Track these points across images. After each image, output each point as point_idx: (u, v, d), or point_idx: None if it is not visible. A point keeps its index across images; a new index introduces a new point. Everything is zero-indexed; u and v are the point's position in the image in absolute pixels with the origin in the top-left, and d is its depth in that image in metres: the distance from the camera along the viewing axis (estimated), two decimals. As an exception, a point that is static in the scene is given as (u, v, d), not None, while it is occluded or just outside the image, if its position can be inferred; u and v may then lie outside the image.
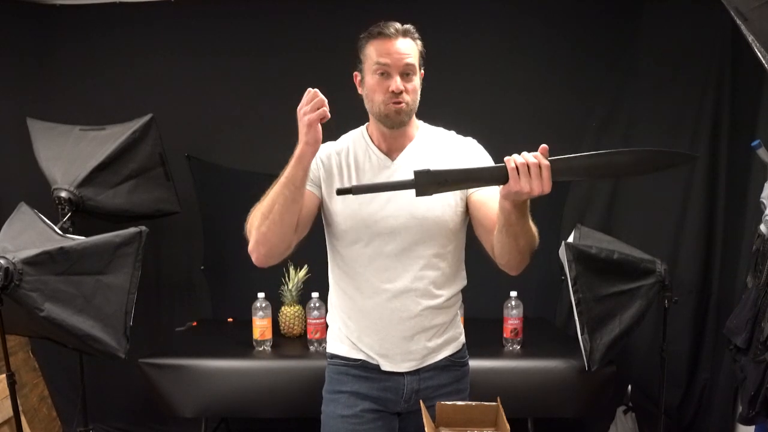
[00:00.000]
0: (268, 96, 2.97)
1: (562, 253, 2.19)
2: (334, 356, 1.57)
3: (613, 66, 2.90)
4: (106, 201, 2.55)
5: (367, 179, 1.47)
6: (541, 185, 1.14)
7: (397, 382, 1.50)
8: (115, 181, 2.57)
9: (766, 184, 2.05)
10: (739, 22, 1.48)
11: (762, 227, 2.00)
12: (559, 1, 2.89)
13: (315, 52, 2.84)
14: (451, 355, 1.55)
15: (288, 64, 2.92)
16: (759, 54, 1.47)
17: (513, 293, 2.45)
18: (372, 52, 1.42)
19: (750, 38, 1.47)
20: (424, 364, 1.51)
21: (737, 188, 2.67)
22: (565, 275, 2.21)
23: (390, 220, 1.44)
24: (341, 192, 1.22)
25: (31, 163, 2.61)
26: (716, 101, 2.80)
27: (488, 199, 1.42)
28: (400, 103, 1.41)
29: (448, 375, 1.55)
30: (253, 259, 1.40)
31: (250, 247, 1.39)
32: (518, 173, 1.13)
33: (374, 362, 1.50)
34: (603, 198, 2.96)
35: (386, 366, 1.49)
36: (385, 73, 1.41)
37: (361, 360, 1.51)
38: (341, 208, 1.46)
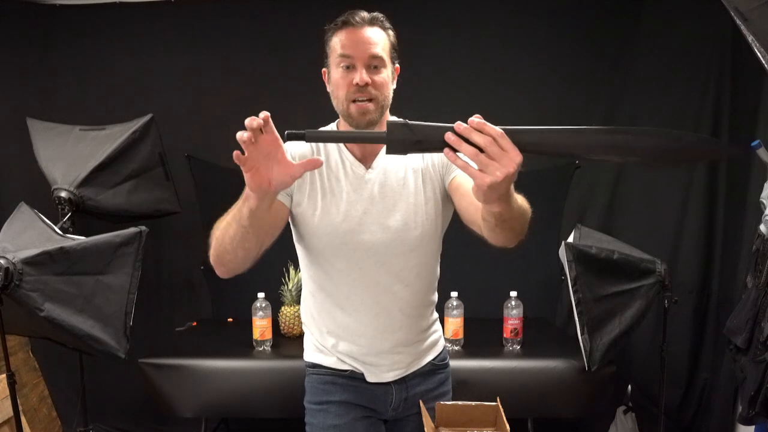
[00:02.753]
0: (268, 96, 2.97)
1: (562, 253, 2.19)
2: (316, 365, 1.50)
3: (613, 66, 2.90)
4: (106, 201, 2.55)
5: (344, 190, 1.37)
6: (509, 159, 0.91)
7: (384, 391, 1.48)
8: (115, 181, 2.57)
9: (766, 184, 2.06)
10: (739, 22, 1.48)
11: (762, 227, 2.00)
12: (560, 1, 2.89)
13: (316, 51, 2.84)
14: (433, 359, 1.53)
15: (288, 64, 2.92)
16: (759, 54, 1.47)
17: (513, 293, 2.45)
18: (336, 44, 1.32)
19: (750, 38, 1.47)
20: (409, 372, 1.48)
21: (737, 188, 2.67)
22: (565, 275, 2.21)
23: (367, 236, 1.36)
24: (291, 137, 1.00)
25: (31, 163, 2.61)
26: (716, 101, 2.80)
27: (468, 181, 1.28)
28: (364, 101, 1.30)
29: (432, 380, 1.53)
30: (217, 273, 1.28)
31: (211, 261, 1.26)
32: (481, 166, 0.92)
33: (360, 372, 1.46)
34: (603, 198, 2.96)
35: (371, 377, 1.46)
36: (349, 66, 1.30)
37: (349, 371, 1.47)
38: (317, 225, 1.36)
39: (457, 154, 0.94)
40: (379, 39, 1.32)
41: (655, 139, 0.91)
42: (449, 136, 0.93)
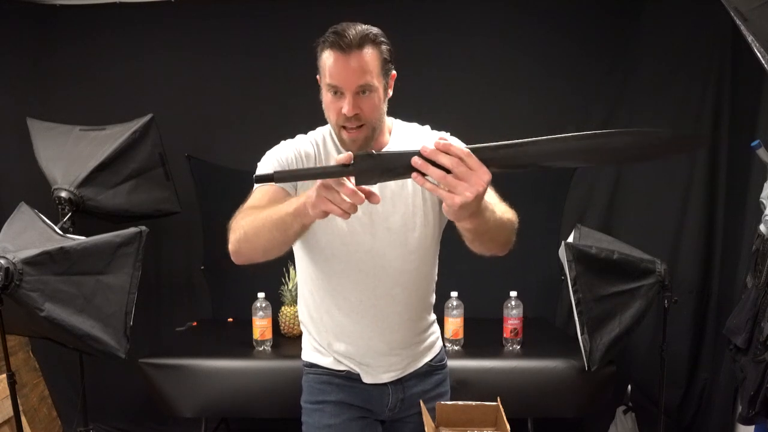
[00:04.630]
0: (268, 96, 2.97)
1: (562, 253, 2.19)
2: (313, 365, 1.50)
3: (613, 66, 2.90)
4: (106, 201, 2.55)
5: None
6: (478, 178, 0.92)
7: (381, 392, 1.48)
8: (115, 181, 2.57)
9: (766, 184, 2.06)
10: (738, 22, 1.48)
11: (762, 227, 2.00)
12: (559, 1, 2.89)
13: (315, 51, 2.84)
14: (430, 361, 1.53)
15: (288, 64, 2.92)
16: (759, 54, 1.47)
17: (513, 293, 2.45)
18: (324, 68, 1.27)
19: (750, 38, 1.47)
20: (406, 373, 1.48)
21: (737, 188, 2.67)
22: (565, 275, 2.21)
23: (367, 237, 1.36)
24: (260, 179, 1.02)
25: (31, 163, 2.61)
26: (716, 101, 2.80)
27: None
28: (354, 129, 1.28)
29: (430, 381, 1.53)
30: (232, 259, 1.27)
31: (230, 248, 1.25)
32: (450, 187, 0.93)
33: (356, 373, 1.47)
34: (603, 198, 2.96)
35: (367, 378, 1.46)
36: (338, 92, 1.27)
37: (345, 371, 1.47)
38: (317, 225, 1.32)
39: (426, 177, 0.95)
40: (368, 64, 1.25)
41: (622, 139, 0.92)
42: (416, 161, 0.94)
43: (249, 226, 1.20)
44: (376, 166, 0.96)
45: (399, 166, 0.96)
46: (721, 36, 2.73)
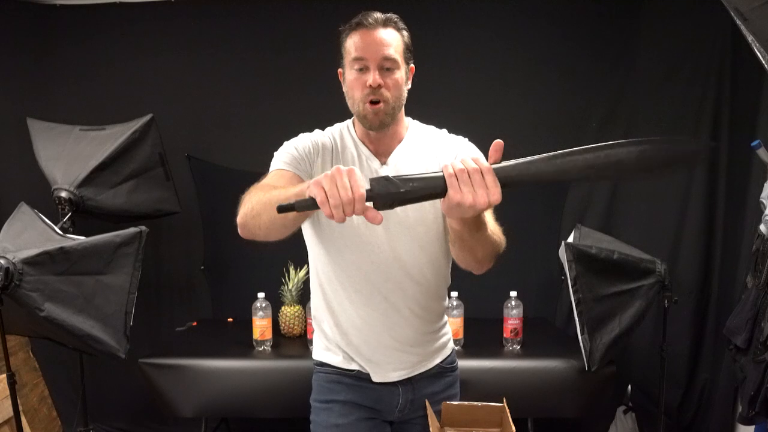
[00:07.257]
0: (267, 96, 2.97)
1: (562, 253, 2.19)
2: (323, 364, 1.51)
3: (613, 66, 2.90)
4: (106, 201, 2.55)
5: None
6: (486, 195, 0.94)
7: (390, 392, 1.48)
8: (115, 181, 2.57)
9: (766, 184, 2.06)
10: (738, 22, 1.48)
11: (762, 227, 2.00)
12: (560, 1, 2.89)
13: (315, 51, 2.83)
14: (441, 362, 1.53)
15: (288, 64, 2.92)
16: (759, 54, 1.47)
17: (513, 293, 2.45)
18: (350, 46, 1.34)
19: (750, 38, 1.47)
20: (415, 373, 1.48)
21: (737, 188, 2.67)
22: (565, 275, 2.21)
23: (380, 229, 1.37)
24: (282, 209, 0.98)
25: (31, 163, 2.61)
26: (716, 101, 2.80)
27: None
28: (377, 102, 1.32)
29: (440, 382, 1.53)
30: (239, 231, 1.28)
31: (238, 221, 1.26)
32: (457, 182, 0.94)
33: (366, 372, 1.47)
34: (603, 198, 2.96)
35: (377, 377, 1.46)
36: (363, 68, 1.32)
37: (355, 370, 1.47)
38: None
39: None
40: (392, 40, 1.33)
41: (628, 150, 0.94)
42: (446, 168, 0.95)
43: (257, 202, 1.22)
44: (390, 194, 0.94)
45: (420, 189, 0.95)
46: (721, 36, 2.73)
